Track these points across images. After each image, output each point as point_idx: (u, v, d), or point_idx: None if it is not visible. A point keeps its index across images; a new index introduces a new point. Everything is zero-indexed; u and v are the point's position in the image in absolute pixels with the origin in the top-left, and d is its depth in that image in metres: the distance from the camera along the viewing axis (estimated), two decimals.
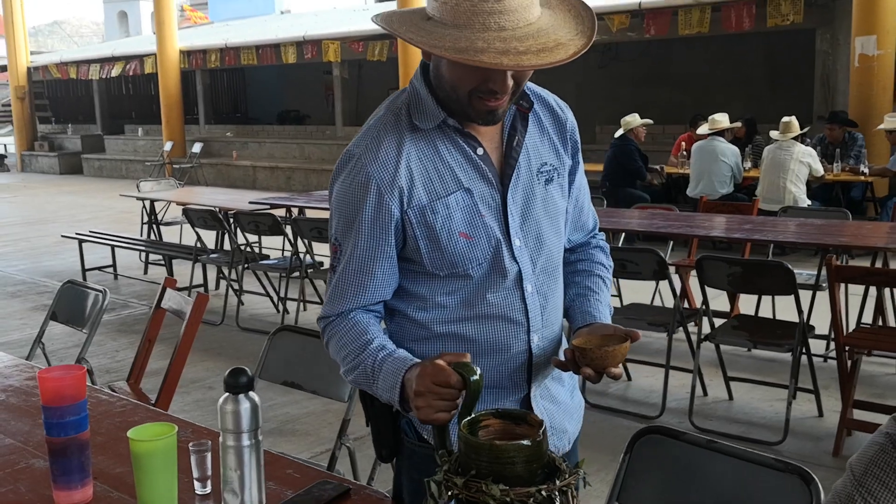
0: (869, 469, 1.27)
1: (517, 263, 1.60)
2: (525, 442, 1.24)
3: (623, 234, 5.34)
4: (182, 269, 7.45)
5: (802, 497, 1.57)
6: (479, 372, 1.39)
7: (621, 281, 5.38)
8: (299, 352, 2.66)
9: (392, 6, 16.32)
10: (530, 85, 1.65)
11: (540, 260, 1.64)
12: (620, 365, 1.56)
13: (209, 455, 1.61)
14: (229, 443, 1.50)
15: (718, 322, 4.41)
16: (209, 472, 1.62)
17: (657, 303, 5.48)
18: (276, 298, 6.58)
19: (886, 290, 4.71)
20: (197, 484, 1.61)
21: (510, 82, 1.48)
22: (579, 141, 1.75)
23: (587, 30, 1.46)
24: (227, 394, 1.50)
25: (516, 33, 1.39)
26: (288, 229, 6.26)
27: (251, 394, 1.51)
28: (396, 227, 1.57)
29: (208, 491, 1.61)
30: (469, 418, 1.34)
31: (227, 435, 1.50)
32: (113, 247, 7.92)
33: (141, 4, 33.44)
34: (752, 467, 1.67)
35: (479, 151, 1.59)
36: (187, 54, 18.31)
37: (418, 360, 1.50)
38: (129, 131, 21.83)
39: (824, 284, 4.56)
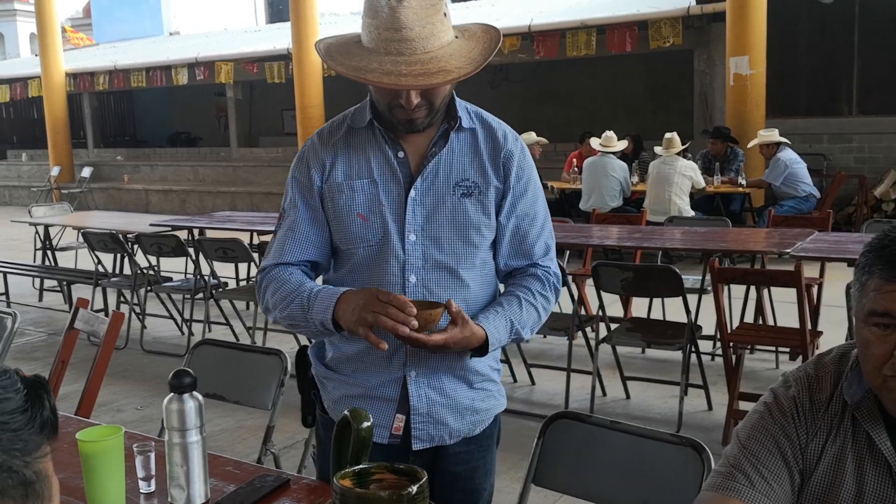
0: (751, 434, 1.48)
1: (405, 255, 1.81)
2: (382, 494, 1.24)
3: None
4: (80, 294, 7.28)
5: (696, 466, 1.78)
6: (370, 420, 1.38)
7: None
8: (220, 364, 2.72)
9: (283, 26, 16.35)
10: (484, 114, 1.88)
11: (434, 258, 1.82)
12: (438, 333, 1.67)
13: (153, 455, 1.70)
14: (175, 440, 1.61)
15: (614, 326, 4.67)
16: (153, 472, 1.70)
17: (556, 310, 5.72)
18: (179, 320, 6.54)
19: (765, 291, 5.07)
20: (142, 483, 1.70)
21: (415, 100, 1.72)
22: (520, 171, 1.88)
23: (481, 60, 1.69)
24: (171, 394, 1.60)
25: (410, 59, 1.64)
26: (191, 251, 6.24)
27: (195, 393, 1.62)
28: (319, 196, 1.86)
29: (153, 489, 1.70)
30: (358, 468, 1.34)
31: (173, 433, 1.60)
32: (5, 273, 7.70)
33: (18, 25, 32.29)
34: (651, 443, 1.87)
35: (401, 155, 1.84)
36: (74, 77, 17.83)
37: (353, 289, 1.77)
38: (11, 156, 21.02)
39: (709, 288, 4.88)
